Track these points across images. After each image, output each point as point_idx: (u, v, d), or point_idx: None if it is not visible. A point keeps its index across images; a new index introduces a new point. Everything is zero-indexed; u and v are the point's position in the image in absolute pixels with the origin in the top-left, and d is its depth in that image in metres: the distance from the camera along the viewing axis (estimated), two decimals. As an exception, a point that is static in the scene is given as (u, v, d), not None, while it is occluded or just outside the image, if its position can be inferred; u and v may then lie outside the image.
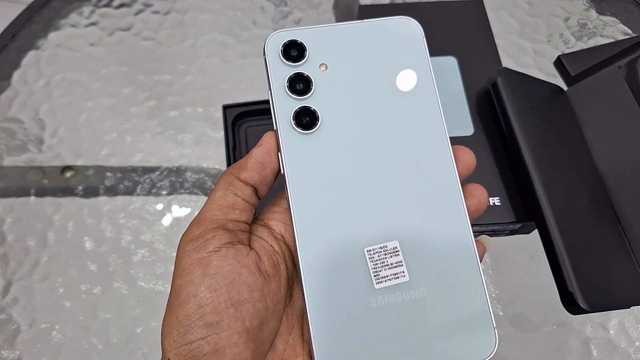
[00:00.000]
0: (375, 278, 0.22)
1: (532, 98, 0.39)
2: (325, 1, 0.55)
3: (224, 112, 0.43)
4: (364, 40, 0.25)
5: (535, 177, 0.35)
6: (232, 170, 0.23)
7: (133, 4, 0.55)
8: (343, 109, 0.24)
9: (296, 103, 0.24)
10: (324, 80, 0.24)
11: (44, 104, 0.50)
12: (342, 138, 0.24)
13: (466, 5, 0.46)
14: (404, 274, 0.22)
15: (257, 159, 0.23)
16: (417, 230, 0.23)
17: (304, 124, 0.23)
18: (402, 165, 0.24)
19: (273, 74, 0.24)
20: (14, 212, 0.45)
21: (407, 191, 0.23)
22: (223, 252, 0.21)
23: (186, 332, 0.20)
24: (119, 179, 0.46)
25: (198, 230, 0.22)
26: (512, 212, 0.37)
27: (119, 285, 0.42)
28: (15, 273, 0.42)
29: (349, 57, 0.24)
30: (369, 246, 0.23)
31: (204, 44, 0.53)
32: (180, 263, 0.22)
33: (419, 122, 0.24)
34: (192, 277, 0.21)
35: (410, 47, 0.25)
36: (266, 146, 0.23)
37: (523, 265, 0.42)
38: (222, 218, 0.23)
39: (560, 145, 0.38)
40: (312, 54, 0.24)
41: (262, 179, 0.23)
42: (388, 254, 0.23)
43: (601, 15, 0.54)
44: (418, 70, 0.25)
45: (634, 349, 0.39)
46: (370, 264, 0.22)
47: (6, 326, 0.40)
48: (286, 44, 0.24)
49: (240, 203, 0.23)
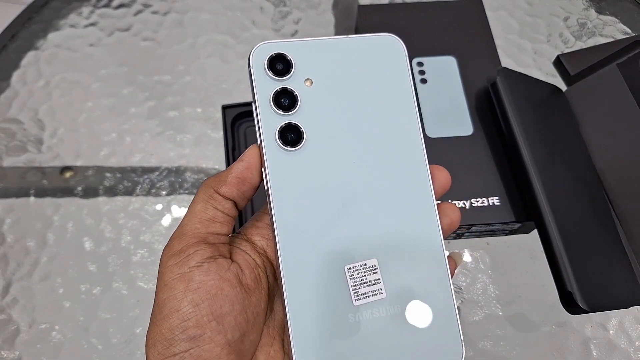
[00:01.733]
0: (355, 295, 0.23)
1: (533, 97, 0.39)
2: (325, 1, 0.55)
3: (224, 113, 0.43)
4: (348, 55, 0.25)
5: (535, 177, 0.35)
6: (211, 183, 0.24)
7: (132, 4, 0.55)
8: (327, 126, 0.24)
9: (281, 119, 0.23)
10: (309, 96, 0.24)
11: (43, 105, 0.50)
12: (325, 155, 0.24)
13: (466, 5, 0.46)
14: (382, 291, 0.23)
15: (237, 175, 0.23)
16: (395, 249, 0.24)
17: (289, 140, 0.23)
18: (382, 184, 0.24)
19: (258, 87, 0.24)
20: (13, 213, 0.45)
21: (385, 209, 0.24)
22: (205, 267, 0.22)
23: (170, 345, 0.21)
24: (119, 180, 0.46)
25: (180, 245, 0.22)
26: (512, 212, 0.37)
27: (118, 286, 0.42)
28: (15, 273, 0.42)
29: (333, 73, 0.24)
30: (349, 264, 0.23)
31: (204, 44, 0.53)
32: (163, 277, 0.22)
33: (398, 141, 0.25)
34: (175, 292, 0.21)
35: (393, 65, 0.25)
36: (247, 162, 0.23)
37: (523, 265, 0.42)
38: (203, 231, 0.23)
39: (560, 145, 0.38)
40: (297, 69, 0.24)
41: (241, 194, 0.24)
42: (367, 271, 0.23)
43: (600, 14, 0.54)
44: (399, 91, 0.25)
45: (634, 349, 0.39)
46: (350, 281, 0.23)
47: (6, 326, 0.40)
48: (272, 57, 0.24)
49: (221, 216, 0.23)
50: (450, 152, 0.39)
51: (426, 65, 0.43)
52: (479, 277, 0.41)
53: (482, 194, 0.38)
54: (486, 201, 0.37)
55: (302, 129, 0.24)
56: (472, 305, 0.40)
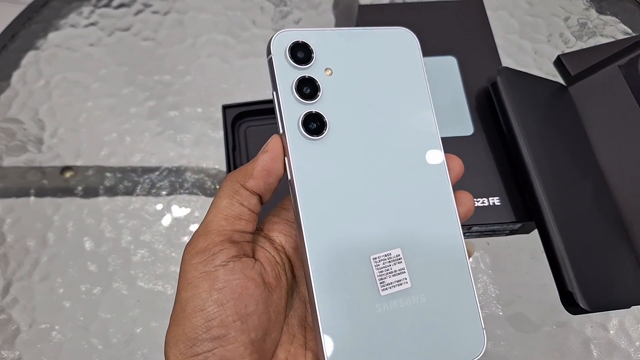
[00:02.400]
0: (381, 285, 0.23)
1: (533, 97, 0.39)
2: (325, 1, 0.55)
3: (224, 112, 0.43)
4: (365, 46, 0.25)
5: (535, 177, 0.35)
6: (237, 177, 0.23)
7: (132, 4, 0.55)
8: (348, 115, 0.24)
9: (304, 107, 0.23)
10: (330, 85, 0.24)
11: (43, 104, 0.50)
12: (348, 145, 0.24)
13: (466, 5, 0.46)
14: (407, 281, 0.23)
15: (263, 167, 0.23)
16: (417, 238, 0.24)
17: (312, 129, 0.23)
18: (402, 174, 0.24)
19: (280, 75, 0.23)
20: (13, 213, 0.45)
21: (407, 199, 0.24)
22: (230, 266, 0.22)
23: (193, 345, 0.20)
24: (119, 179, 0.46)
25: (205, 243, 0.22)
26: (512, 212, 0.37)
27: (118, 286, 0.42)
28: (15, 273, 0.42)
29: (352, 63, 0.25)
30: (375, 253, 0.23)
31: (204, 44, 0.53)
32: (187, 275, 0.22)
33: (416, 131, 0.25)
34: (199, 291, 0.21)
35: (408, 58, 0.26)
36: (272, 152, 0.23)
37: (523, 265, 0.42)
38: (229, 229, 0.22)
39: (560, 145, 0.38)
40: (318, 57, 0.24)
41: (267, 186, 0.23)
42: (392, 261, 0.23)
43: (601, 14, 0.54)
44: (415, 81, 0.26)
45: (634, 349, 0.39)
46: (376, 271, 0.23)
47: (6, 326, 0.40)
48: (293, 45, 0.24)
49: (247, 213, 0.23)
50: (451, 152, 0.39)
51: (426, 65, 0.42)
52: (479, 277, 0.41)
53: (483, 194, 0.37)
54: (487, 201, 0.37)
55: (325, 117, 0.23)
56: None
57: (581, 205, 0.36)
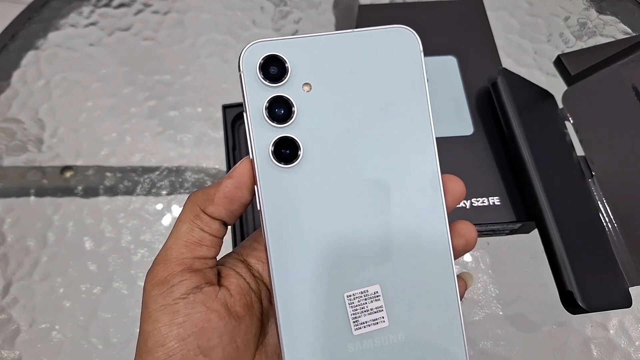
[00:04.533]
0: (354, 324, 0.21)
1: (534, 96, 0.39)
2: (325, 1, 0.55)
3: (224, 112, 0.43)
4: (352, 53, 0.22)
5: (535, 177, 0.35)
6: (198, 200, 0.22)
7: (132, 3, 0.55)
8: (327, 137, 0.21)
9: (276, 132, 0.21)
10: (307, 103, 0.21)
11: (43, 104, 0.50)
12: (325, 172, 0.21)
13: (466, 5, 0.46)
14: (384, 320, 0.22)
15: (225, 194, 0.21)
16: (400, 273, 0.22)
17: (283, 156, 0.21)
18: (389, 204, 0.22)
19: (249, 95, 0.21)
20: (13, 212, 0.45)
21: (392, 231, 0.22)
22: (191, 299, 0.21)
23: None
24: (119, 179, 0.46)
25: (164, 273, 0.21)
26: (512, 211, 0.37)
27: (118, 285, 0.42)
28: (15, 273, 0.42)
29: (335, 75, 0.22)
30: (350, 291, 0.22)
31: (204, 44, 0.53)
32: (147, 308, 0.21)
33: (409, 154, 0.22)
34: (159, 325, 0.20)
35: (406, 62, 0.22)
36: (237, 179, 0.21)
37: (523, 265, 0.42)
38: (189, 257, 0.22)
39: (560, 145, 0.38)
40: (294, 71, 0.21)
41: (230, 213, 0.22)
42: (369, 299, 0.22)
43: (601, 14, 0.54)
44: (411, 93, 0.22)
45: (634, 349, 0.39)
46: (350, 309, 0.21)
47: (6, 326, 0.40)
48: (265, 59, 0.21)
49: (208, 239, 0.22)
50: (451, 152, 0.39)
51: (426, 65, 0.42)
52: (479, 277, 0.41)
53: (483, 193, 0.37)
54: (486, 201, 0.37)
55: (299, 142, 0.21)
56: (473, 305, 0.40)
57: (581, 205, 0.36)
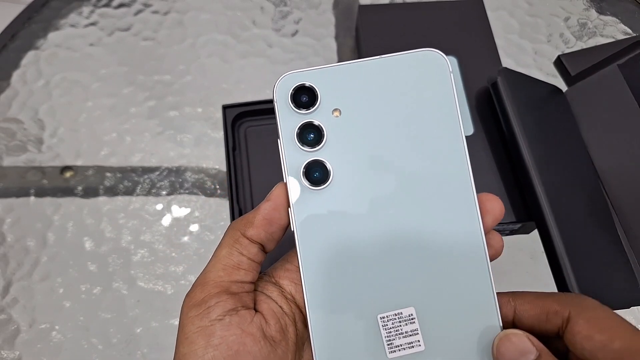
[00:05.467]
0: (389, 347, 0.21)
1: (534, 96, 0.39)
2: (325, 1, 0.55)
3: (224, 112, 0.43)
4: (380, 79, 0.23)
5: (535, 177, 0.35)
6: (238, 226, 0.23)
7: (132, 4, 0.55)
8: (357, 161, 0.22)
9: (307, 156, 0.22)
10: (337, 128, 0.22)
11: (43, 104, 0.50)
12: (356, 194, 0.22)
13: (466, 5, 0.46)
14: (419, 343, 0.21)
15: (264, 216, 0.22)
16: (436, 296, 0.21)
17: (315, 179, 0.22)
18: (422, 224, 0.22)
19: (282, 122, 0.22)
20: (13, 212, 0.45)
21: (426, 252, 0.22)
22: (227, 321, 0.21)
23: None
24: (119, 179, 0.46)
25: (201, 295, 0.22)
26: (512, 212, 0.37)
27: (118, 286, 0.42)
28: (15, 273, 0.42)
29: (364, 100, 0.22)
30: (383, 312, 0.21)
31: (204, 44, 0.53)
32: (184, 330, 0.21)
33: (442, 175, 0.22)
34: (195, 348, 0.21)
35: (435, 87, 0.23)
36: (274, 201, 0.22)
37: (523, 265, 0.42)
38: (226, 280, 0.22)
39: (561, 145, 0.38)
40: (324, 99, 0.22)
41: (269, 235, 0.23)
42: (403, 321, 0.21)
43: (601, 14, 0.54)
44: (442, 116, 0.22)
45: (634, 349, 0.39)
46: (384, 331, 0.21)
47: (6, 326, 0.40)
48: (296, 89, 0.22)
49: (246, 263, 0.22)
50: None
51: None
52: (479, 277, 0.41)
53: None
54: (486, 201, 0.37)
55: (329, 166, 0.22)
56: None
57: (581, 206, 0.36)
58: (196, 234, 0.44)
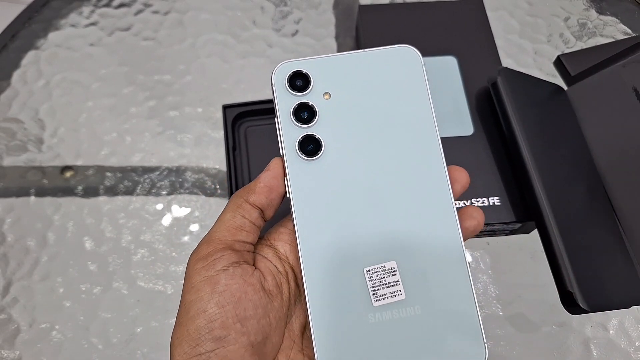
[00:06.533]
0: (374, 296, 0.24)
1: (533, 96, 0.39)
2: (325, 1, 0.55)
3: (224, 112, 0.43)
4: (364, 69, 0.26)
5: (535, 177, 0.35)
6: (241, 193, 0.25)
7: (133, 4, 0.55)
8: (345, 136, 0.25)
9: (301, 131, 0.25)
10: (328, 109, 0.26)
11: (43, 104, 0.50)
12: (344, 164, 0.25)
13: (466, 5, 0.46)
14: (401, 293, 0.24)
15: (265, 184, 0.25)
16: (414, 251, 0.25)
17: (308, 151, 0.25)
18: (401, 190, 0.25)
19: (279, 103, 0.25)
20: (14, 212, 0.45)
21: (405, 214, 0.25)
22: (230, 271, 0.23)
23: (196, 345, 0.22)
24: (119, 179, 0.46)
25: (207, 250, 0.24)
26: (512, 212, 0.37)
27: (118, 285, 0.42)
28: (15, 273, 0.42)
29: (351, 86, 0.26)
30: (369, 266, 0.24)
31: (204, 44, 0.53)
32: (190, 280, 0.23)
33: (416, 147, 0.26)
34: (202, 294, 0.22)
35: (410, 75, 0.26)
36: (273, 171, 0.25)
37: (523, 265, 0.42)
38: (230, 239, 0.24)
39: (560, 145, 0.38)
40: (316, 84, 0.26)
41: (269, 202, 0.25)
42: (386, 273, 0.24)
43: (601, 15, 0.54)
44: (416, 98, 0.26)
45: (634, 349, 0.39)
46: (370, 283, 0.24)
47: (6, 326, 0.40)
48: (292, 74, 0.26)
49: (248, 225, 0.25)
50: (451, 152, 0.39)
51: (426, 65, 0.42)
52: (479, 277, 0.41)
53: (483, 194, 0.37)
54: (487, 201, 0.37)
55: (321, 139, 0.25)
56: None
57: (581, 205, 0.36)
58: (196, 233, 0.44)
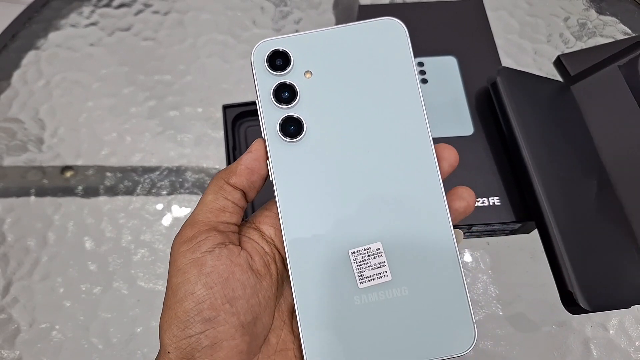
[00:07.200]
0: (359, 278, 0.23)
1: (533, 96, 0.39)
2: (325, 1, 0.55)
3: (224, 112, 0.43)
4: (347, 44, 0.25)
5: (535, 177, 0.35)
6: (222, 175, 0.25)
7: (133, 4, 0.55)
8: (328, 116, 0.24)
9: (282, 112, 0.24)
10: (309, 88, 0.25)
11: (44, 104, 0.50)
12: (327, 144, 0.24)
13: (466, 5, 0.46)
14: (387, 274, 0.24)
15: (246, 165, 0.24)
16: (400, 232, 0.24)
17: (289, 132, 0.24)
18: (386, 169, 0.24)
19: (259, 84, 0.25)
20: (14, 212, 0.45)
21: (390, 194, 0.24)
22: (217, 252, 0.23)
23: (185, 327, 0.21)
24: (119, 179, 0.46)
25: (191, 232, 0.23)
26: (512, 211, 0.37)
27: (119, 285, 0.42)
28: (15, 273, 0.42)
29: (333, 63, 0.25)
30: (354, 248, 0.24)
31: (204, 44, 0.53)
32: (176, 263, 0.23)
33: (402, 125, 0.25)
34: (189, 276, 0.22)
35: (394, 49, 0.25)
36: (255, 153, 0.24)
37: (523, 265, 0.42)
38: (214, 220, 0.24)
39: (561, 144, 0.38)
40: (297, 62, 0.25)
41: (251, 184, 0.24)
42: (372, 255, 0.24)
43: (601, 15, 0.54)
44: (401, 72, 0.25)
45: (634, 349, 0.39)
46: (355, 265, 0.24)
47: (6, 326, 0.40)
48: (271, 53, 0.25)
49: (230, 206, 0.24)
50: (451, 152, 0.39)
51: (426, 65, 0.43)
52: (479, 277, 0.41)
53: (483, 194, 0.38)
54: (487, 201, 0.37)
55: (303, 120, 0.24)
56: (472, 305, 0.40)
57: (581, 205, 0.36)
58: (196, 233, 0.44)
